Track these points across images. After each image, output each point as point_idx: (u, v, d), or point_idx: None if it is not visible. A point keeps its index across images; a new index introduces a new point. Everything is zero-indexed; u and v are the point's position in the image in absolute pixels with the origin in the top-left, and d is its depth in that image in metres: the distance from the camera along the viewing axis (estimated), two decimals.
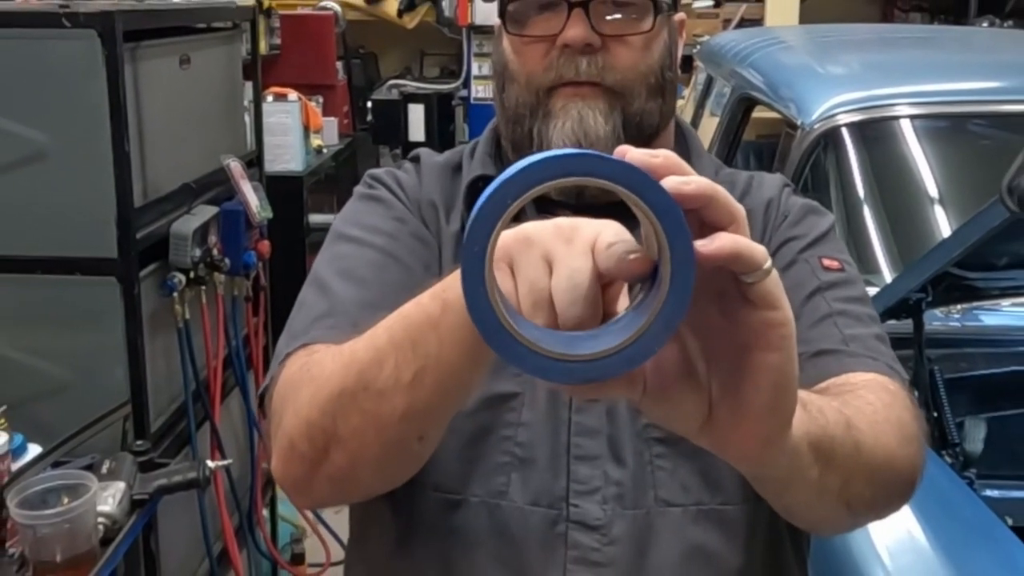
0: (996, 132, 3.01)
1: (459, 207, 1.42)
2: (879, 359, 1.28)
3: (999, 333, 2.66)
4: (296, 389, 1.18)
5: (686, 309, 0.75)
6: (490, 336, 0.76)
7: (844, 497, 1.08)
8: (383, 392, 1.08)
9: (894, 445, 1.12)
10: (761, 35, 4.21)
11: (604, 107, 1.33)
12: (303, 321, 1.30)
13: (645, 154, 0.76)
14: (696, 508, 1.29)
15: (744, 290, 0.78)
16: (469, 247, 0.75)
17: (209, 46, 2.95)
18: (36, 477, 2.04)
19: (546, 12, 1.33)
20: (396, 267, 1.34)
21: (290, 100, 4.71)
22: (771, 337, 0.80)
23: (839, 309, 1.32)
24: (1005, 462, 2.52)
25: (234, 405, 3.11)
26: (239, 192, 2.89)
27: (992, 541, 1.88)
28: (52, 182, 2.31)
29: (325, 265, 1.37)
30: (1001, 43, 4.22)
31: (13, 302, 2.37)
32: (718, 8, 6.61)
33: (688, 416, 0.83)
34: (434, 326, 1.02)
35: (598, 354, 0.76)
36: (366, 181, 1.47)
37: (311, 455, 1.15)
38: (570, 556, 1.27)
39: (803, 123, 2.80)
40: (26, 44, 2.27)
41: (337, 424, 1.12)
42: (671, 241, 0.73)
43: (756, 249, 0.76)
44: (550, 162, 0.74)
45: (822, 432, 0.98)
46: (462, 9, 6.05)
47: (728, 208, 0.77)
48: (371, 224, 1.39)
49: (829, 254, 1.39)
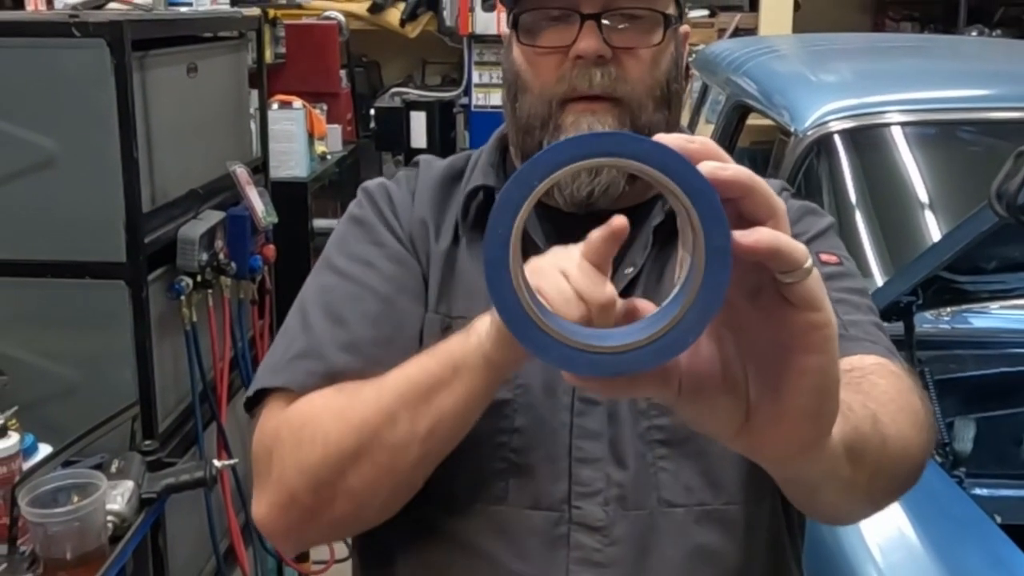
0: (985, 139, 3.01)
1: (451, 221, 1.41)
2: (879, 343, 1.27)
3: (988, 335, 2.66)
4: (299, 445, 1.21)
5: (721, 300, 0.70)
6: (514, 324, 0.72)
7: (870, 491, 1.08)
8: (397, 447, 1.14)
9: (912, 435, 1.12)
10: (755, 44, 4.20)
11: (614, 121, 1.32)
12: (284, 354, 1.33)
13: (682, 138, 0.73)
14: (699, 509, 1.28)
15: (784, 290, 0.74)
16: (494, 230, 0.71)
17: (216, 55, 2.96)
18: (47, 476, 2.04)
19: (558, 23, 1.32)
20: (371, 298, 1.34)
21: (295, 108, 4.71)
22: (813, 339, 0.76)
23: (837, 298, 1.31)
24: (994, 461, 2.51)
25: (240, 406, 3.10)
26: (245, 198, 2.89)
27: (982, 539, 1.88)
28: (62, 188, 2.31)
29: (311, 294, 1.38)
30: (990, 52, 4.22)
31: (24, 305, 2.38)
32: (713, 18, 6.61)
33: (724, 419, 0.80)
34: (447, 385, 1.10)
35: (627, 345, 0.71)
36: (358, 197, 1.47)
37: (314, 506, 1.21)
38: (572, 557, 1.27)
39: (796, 130, 2.80)
40: (37, 53, 2.27)
41: (348, 478, 1.17)
42: (705, 227, 0.69)
43: (797, 247, 0.72)
44: (581, 141, 0.69)
45: (854, 431, 0.96)
46: (463, 19, 6.05)
47: (768, 201, 0.74)
48: (353, 252, 1.40)
49: (827, 250, 1.39)
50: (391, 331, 1.33)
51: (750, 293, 0.75)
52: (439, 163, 1.51)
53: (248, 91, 3.30)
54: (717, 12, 6.66)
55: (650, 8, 1.33)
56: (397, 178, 1.49)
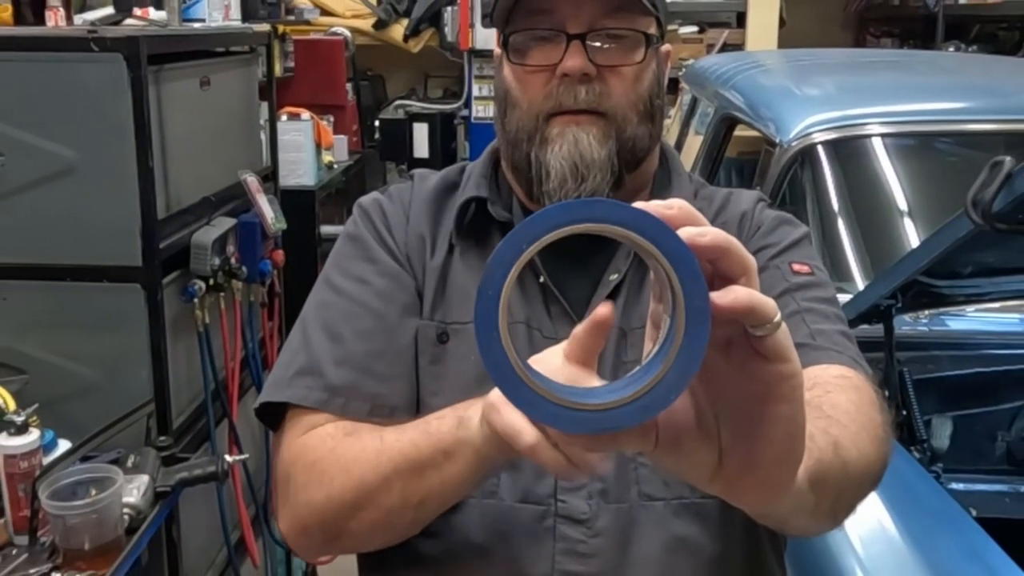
0: (961, 150, 3.02)
1: (446, 231, 1.42)
2: (844, 352, 1.28)
3: (964, 337, 2.66)
4: (309, 485, 1.25)
5: (701, 359, 0.70)
6: (503, 383, 0.72)
7: (833, 512, 1.09)
8: (391, 510, 1.18)
9: (872, 450, 1.12)
10: (742, 59, 4.21)
11: (599, 133, 1.33)
12: (286, 371, 1.36)
13: (660, 204, 0.73)
14: (677, 502, 1.29)
15: (755, 343, 0.74)
16: (484, 291, 0.71)
17: (227, 69, 2.96)
18: (66, 471, 2.04)
19: (546, 43, 1.33)
20: (365, 314, 1.36)
21: (303, 119, 4.71)
22: (783, 389, 0.76)
23: (807, 307, 1.32)
24: (969, 457, 2.52)
25: (251, 404, 3.09)
26: (255, 205, 2.89)
27: (958, 531, 1.88)
28: (81, 195, 2.31)
29: (311, 311, 1.41)
30: (966, 67, 4.23)
31: (44, 307, 2.38)
32: (702, 34, 6.62)
33: (699, 466, 0.79)
34: (436, 467, 1.12)
35: (612, 403, 0.71)
36: (353, 214, 1.48)
37: (323, 539, 1.27)
38: (558, 548, 1.28)
39: (781, 141, 2.80)
40: (57, 67, 2.28)
41: (349, 524, 1.22)
42: (686, 290, 0.69)
43: (768, 303, 0.72)
44: (568, 208, 0.70)
45: (816, 464, 0.95)
46: (463, 35, 6.05)
47: (742, 260, 0.74)
48: (347, 269, 1.42)
49: (799, 260, 1.39)
50: (383, 344, 1.35)
51: (722, 346, 0.75)
52: (434, 176, 1.51)
53: (258, 103, 3.30)
54: (706, 28, 6.67)
55: (632, 28, 1.34)
56: (390, 193, 1.50)
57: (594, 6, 1.31)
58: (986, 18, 6.80)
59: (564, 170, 1.33)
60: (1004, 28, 6.86)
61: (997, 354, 2.62)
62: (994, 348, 2.64)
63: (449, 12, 6.35)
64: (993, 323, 2.69)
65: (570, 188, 1.33)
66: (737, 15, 6.72)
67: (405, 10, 6.54)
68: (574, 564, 1.27)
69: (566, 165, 1.33)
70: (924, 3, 6.95)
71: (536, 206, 1.38)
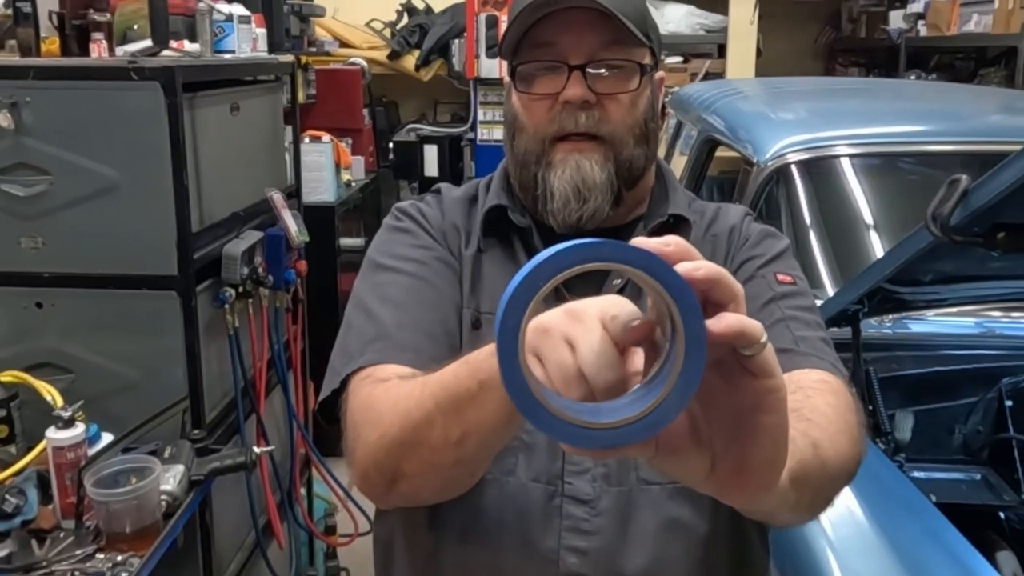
0: (922, 169, 3.01)
1: (476, 232, 1.44)
2: (824, 358, 1.28)
3: (925, 339, 2.65)
4: (364, 425, 1.21)
5: (699, 381, 0.71)
6: (523, 406, 0.73)
7: (812, 505, 1.09)
8: (435, 448, 1.11)
9: (848, 449, 1.12)
10: (722, 87, 4.21)
11: (599, 158, 1.35)
12: (356, 343, 1.32)
13: (659, 242, 0.74)
14: (672, 486, 1.30)
15: (743, 361, 0.75)
16: (504, 326, 0.72)
17: (255, 96, 2.96)
18: (109, 461, 2.04)
19: (550, 73, 1.34)
20: (427, 288, 1.36)
21: (324, 141, 4.72)
22: (769, 401, 0.77)
23: (790, 315, 1.32)
24: (929, 448, 2.52)
25: (276, 400, 3.11)
26: (280, 219, 2.90)
27: (919, 515, 1.88)
28: (122, 211, 2.31)
29: (367, 292, 1.38)
30: (927, 93, 4.23)
31: (89, 313, 2.38)
32: (686, 64, 6.62)
33: (694, 470, 0.80)
34: (473, 399, 1.04)
35: (620, 422, 0.73)
36: (394, 214, 1.49)
37: (382, 484, 1.21)
38: (564, 525, 1.29)
39: (758, 161, 2.81)
40: (100, 94, 2.28)
41: (401, 465, 1.17)
42: (684, 319, 0.70)
43: (755, 326, 0.74)
44: (578, 249, 0.71)
45: (798, 464, 0.96)
46: (469, 64, 6.05)
47: (731, 288, 0.75)
48: (402, 253, 1.41)
49: (783, 270, 1.40)
50: (444, 312, 1.35)
51: (714, 365, 0.75)
52: (456, 189, 1.53)
53: (283, 127, 3.30)
54: (690, 59, 6.68)
55: (628, 59, 1.35)
56: (423, 198, 1.52)
57: (593, 39, 1.32)
58: (944, 49, 6.80)
59: (568, 192, 1.35)
60: (960, 58, 6.86)
61: (954, 354, 2.62)
62: (952, 349, 2.63)
63: (457, 44, 6.36)
64: (951, 326, 2.68)
65: (573, 208, 1.35)
66: (718, 46, 6.72)
67: (417, 42, 6.55)
68: (578, 540, 1.28)
69: (569, 188, 1.34)
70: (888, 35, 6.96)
71: (543, 218, 1.40)
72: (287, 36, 4.88)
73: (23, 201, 2.31)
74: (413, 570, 1.38)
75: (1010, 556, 2.09)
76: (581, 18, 1.31)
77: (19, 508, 1.99)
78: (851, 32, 7.91)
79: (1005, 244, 1.99)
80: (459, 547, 1.32)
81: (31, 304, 2.38)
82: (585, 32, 1.31)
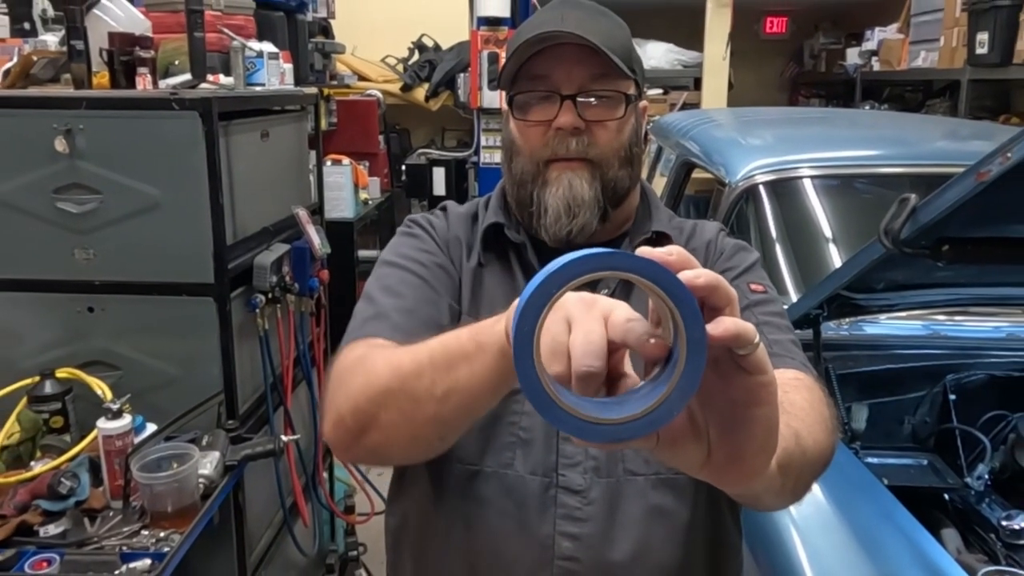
0: (876, 188, 3.01)
1: (476, 247, 1.43)
2: (796, 358, 1.28)
3: (878, 340, 2.66)
4: (352, 374, 1.17)
5: (700, 380, 0.70)
6: (538, 403, 0.71)
7: (795, 490, 1.08)
8: (418, 399, 1.06)
9: (824, 438, 1.12)
10: (698, 115, 4.22)
11: (588, 176, 1.34)
12: (356, 324, 1.31)
13: (663, 252, 0.72)
14: (655, 477, 1.30)
15: (738, 360, 0.74)
16: (520, 330, 0.70)
17: (283, 123, 2.97)
18: (152, 448, 2.05)
19: (544, 102, 1.34)
20: (424, 286, 1.35)
21: (344, 164, 4.74)
22: (762, 395, 0.76)
23: (764, 320, 1.32)
24: (881, 437, 2.52)
25: (302, 394, 3.11)
26: (305, 233, 2.90)
27: (873, 496, 1.89)
28: (164, 226, 2.32)
29: (373, 284, 1.38)
30: (880, 122, 4.24)
31: (135, 317, 2.38)
32: (666, 95, 6.64)
33: (691, 459, 0.79)
34: (468, 359, 1.00)
35: (625, 418, 0.71)
36: (406, 223, 1.49)
37: (354, 430, 1.14)
38: (558, 513, 1.28)
39: (730, 182, 2.81)
40: (145, 122, 2.28)
41: (378, 413, 1.10)
42: (686, 324, 0.69)
43: (749, 328, 0.72)
44: (590, 258, 0.69)
45: (783, 452, 0.95)
46: (473, 96, 6.06)
47: (727, 294, 0.73)
48: (408, 254, 1.40)
49: (755, 280, 1.39)
50: (438, 312, 1.33)
51: (711, 363, 0.74)
52: (460, 207, 1.53)
53: (308, 151, 3.30)
54: (669, 90, 6.70)
55: (615, 90, 1.35)
56: (433, 212, 1.52)
57: (583, 72, 1.32)
58: (895, 82, 6.82)
59: (559, 208, 1.34)
60: (910, 90, 6.89)
61: (904, 354, 2.62)
62: (902, 349, 2.63)
63: (462, 77, 6.38)
64: (901, 329, 2.68)
65: (564, 223, 1.34)
66: (694, 80, 6.75)
67: (426, 76, 6.57)
68: (571, 526, 1.28)
69: (561, 204, 1.34)
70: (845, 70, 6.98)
71: (536, 233, 1.40)
72: (311, 70, 4.89)
73: (77, 217, 2.31)
74: (422, 554, 1.38)
75: (954, 533, 2.09)
76: (572, 53, 1.31)
77: (73, 490, 1.99)
78: (812, 67, 7.94)
79: (949, 256, 2.00)
80: (464, 533, 1.31)
81: (84, 309, 2.38)
82: (576, 66, 1.31)
